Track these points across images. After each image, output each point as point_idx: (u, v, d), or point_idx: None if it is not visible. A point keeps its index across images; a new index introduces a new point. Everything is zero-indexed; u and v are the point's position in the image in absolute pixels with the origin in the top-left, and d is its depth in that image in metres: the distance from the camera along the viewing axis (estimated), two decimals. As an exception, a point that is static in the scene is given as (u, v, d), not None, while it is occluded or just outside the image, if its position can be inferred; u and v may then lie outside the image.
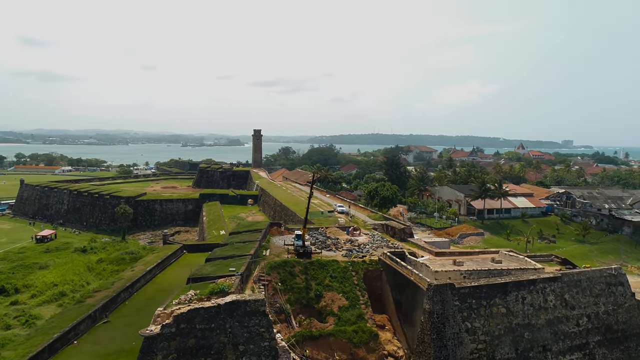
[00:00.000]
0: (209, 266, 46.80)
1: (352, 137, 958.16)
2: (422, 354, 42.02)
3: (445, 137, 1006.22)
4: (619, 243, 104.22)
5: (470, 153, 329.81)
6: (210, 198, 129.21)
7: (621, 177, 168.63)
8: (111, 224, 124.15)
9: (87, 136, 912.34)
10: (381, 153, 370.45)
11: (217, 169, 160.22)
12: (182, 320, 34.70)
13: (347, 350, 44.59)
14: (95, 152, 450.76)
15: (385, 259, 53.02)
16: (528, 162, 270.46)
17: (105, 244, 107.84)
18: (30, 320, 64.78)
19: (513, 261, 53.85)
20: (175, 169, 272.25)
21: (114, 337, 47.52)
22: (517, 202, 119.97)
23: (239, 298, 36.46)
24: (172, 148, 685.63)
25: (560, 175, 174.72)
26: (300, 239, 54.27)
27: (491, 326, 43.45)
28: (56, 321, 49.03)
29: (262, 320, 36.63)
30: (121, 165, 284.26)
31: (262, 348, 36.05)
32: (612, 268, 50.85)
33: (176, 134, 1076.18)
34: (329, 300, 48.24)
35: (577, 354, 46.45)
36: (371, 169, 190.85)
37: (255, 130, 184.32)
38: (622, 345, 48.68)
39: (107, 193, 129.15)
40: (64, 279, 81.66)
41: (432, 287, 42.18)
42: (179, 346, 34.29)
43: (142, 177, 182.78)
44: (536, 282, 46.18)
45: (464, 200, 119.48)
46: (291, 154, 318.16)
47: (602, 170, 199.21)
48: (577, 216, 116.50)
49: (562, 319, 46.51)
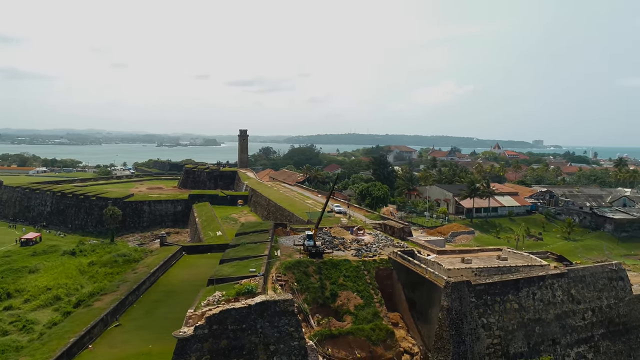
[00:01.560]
0: (227, 267, 46.79)
1: (329, 137, 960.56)
2: (441, 350, 43.12)
3: (420, 137, 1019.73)
4: (602, 240, 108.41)
5: (449, 153, 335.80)
6: (199, 199, 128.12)
7: (597, 176, 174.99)
8: (98, 225, 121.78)
9: (57, 136, 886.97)
10: (361, 153, 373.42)
11: (204, 169, 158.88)
12: (215, 322, 34.78)
13: (366, 348, 45.37)
14: (68, 153, 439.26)
15: (396, 258, 54.02)
16: (505, 161, 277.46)
17: (95, 247, 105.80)
18: (27, 326, 63.40)
19: (518, 258, 55.67)
20: (154, 169, 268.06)
21: (128, 341, 47.09)
22: (504, 201, 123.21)
23: (268, 298, 36.75)
24: (147, 148, 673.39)
25: (540, 175, 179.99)
26: (311, 239, 54.81)
27: (505, 321, 44.92)
28: (68, 325, 48.26)
29: (291, 320, 37.02)
30: (98, 166, 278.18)
31: (292, 347, 36.43)
32: (612, 264, 53.20)
33: (150, 134, 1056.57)
34: (345, 299, 48.92)
35: (583, 346, 48.44)
36: (356, 169, 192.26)
37: (241, 131, 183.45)
38: (624, 337, 50.99)
39: (93, 194, 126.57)
40: (57, 283, 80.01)
41: (450, 284, 43.33)
42: (212, 347, 34.37)
43: (124, 178, 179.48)
44: (545, 278, 47.95)
45: (453, 200, 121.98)
46: (272, 154, 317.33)
47: (578, 169, 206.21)
48: (561, 214, 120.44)
49: (569, 314, 48.43)
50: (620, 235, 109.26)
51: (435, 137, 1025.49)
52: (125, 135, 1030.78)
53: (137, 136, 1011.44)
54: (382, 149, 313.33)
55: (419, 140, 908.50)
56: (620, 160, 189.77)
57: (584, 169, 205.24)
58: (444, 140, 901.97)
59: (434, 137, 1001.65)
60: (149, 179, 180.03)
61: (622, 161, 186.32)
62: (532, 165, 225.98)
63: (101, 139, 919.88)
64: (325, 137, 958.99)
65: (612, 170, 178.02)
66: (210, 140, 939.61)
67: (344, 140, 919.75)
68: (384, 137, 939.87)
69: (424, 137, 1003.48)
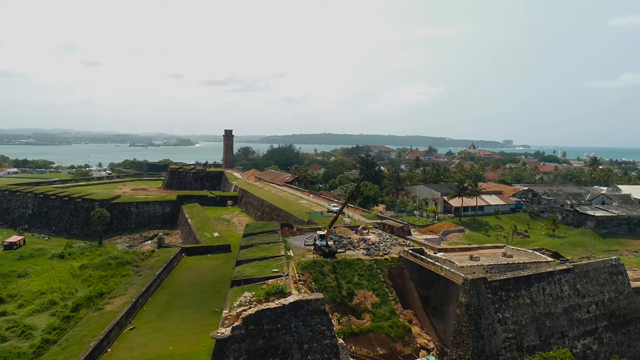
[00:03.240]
0: (248, 268, 46.93)
1: (304, 137, 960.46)
2: (460, 345, 44.45)
3: (394, 137, 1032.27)
4: (584, 236, 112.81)
5: (426, 153, 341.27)
6: (188, 200, 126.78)
7: (574, 175, 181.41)
8: (84, 228, 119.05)
9: (23, 136, 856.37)
10: (339, 153, 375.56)
11: (190, 170, 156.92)
12: (251, 322, 35.07)
13: (386, 345, 46.32)
14: (36, 153, 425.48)
15: (408, 257, 55.19)
16: (481, 160, 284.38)
17: (83, 249, 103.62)
18: (26, 332, 62.22)
19: (522, 255, 57.67)
20: (132, 170, 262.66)
21: (147, 343, 46.62)
22: (490, 200, 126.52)
23: (301, 298, 37.23)
24: (120, 148, 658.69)
25: (519, 174, 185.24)
26: (324, 239, 55.42)
27: (519, 316, 46.65)
28: (84, 329, 47.39)
29: (323, 318, 37.61)
30: (72, 167, 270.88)
31: (324, 346, 37.02)
32: (612, 259, 55.80)
33: (121, 134, 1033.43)
34: (362, 298, 49.74)
35: (588, 338, 50.71)
36: (340, 169, 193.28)
37: (226, 131, 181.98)
38: (624, 329, 53.58)
39: (78, 196, 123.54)
40: (50, 287, 78.38)
41: (468, 281, 44.70)
42: (249, 347, 34.66)
43: (105, 179, 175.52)
44: (554, 274, 49.96)
45: (441, 199, 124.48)
46: (251, 154, 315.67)
47: (554, 168, 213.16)
48: (544, 212, 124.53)
49: (575, 307, 50.61)
50: (601, 232, 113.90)
51: (409, 137, 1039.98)
52: (95, 135, 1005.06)
53: (108, 136, 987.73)
54: (362, 149, 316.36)
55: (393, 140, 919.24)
56: (595, 160, 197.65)
57: (559, 168, 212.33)
58: (418, 140, 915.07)
59: (408, 137, 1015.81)
60: (130, 180, 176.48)
61: (596, 161, 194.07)
62: (510, 165, 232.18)
63: (70, 139, 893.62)
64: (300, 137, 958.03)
65: (587, 169, 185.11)
66: (184, 140, 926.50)
67: (319, 140, 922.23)
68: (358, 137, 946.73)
69: (398, 137, 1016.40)
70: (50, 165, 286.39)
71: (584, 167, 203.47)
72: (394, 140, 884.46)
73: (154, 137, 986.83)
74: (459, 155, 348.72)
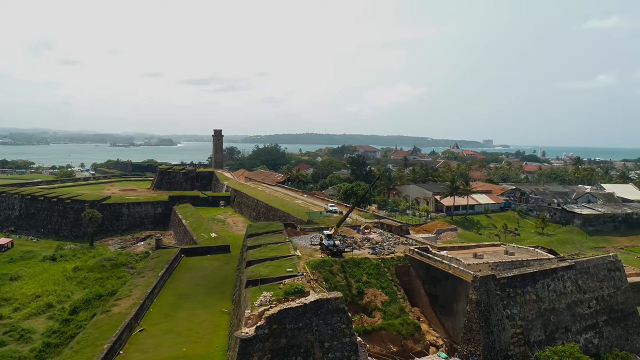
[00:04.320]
0: (262, 268, 47.06)
1: (287, 137, 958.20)
2: (471, 341, 45.41)
3: (377, 137, 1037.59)
4: (572, 234, 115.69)
5: (411, 152, 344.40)
6: (180, 200, 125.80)
7: (557, 174, 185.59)
8: (74, 229, 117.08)
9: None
10: (324, 153, 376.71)
11: (180, 170, 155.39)
12: (274, 321, 35.31)
13: (397, 342, 47.04)
14: (14, 153, 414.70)
15: (414, 255, 56.04)
16: (464, 160, 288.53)
17: (75, 251, 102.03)
18: (25, 335, 61.54)
19: (524, 253, 59.11)
20: (115, 170, 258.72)
21: (158, 345, 46.43)
22: (480, 199, 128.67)
23: (322, 297, 37.62)
24: (100, 148, 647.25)
25: (505, 173, 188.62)
26: (331, 239, 55.91)
27: (525, 312, 47.87)
28: (94, 332, 46.88)
29: (342, 317, 38.07)
30: (54, 167, 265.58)
31: (344, 344, 37.49)
32: (610, 256, 57.63)
33: (101, 134, 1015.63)
34: (372, 296, 50.36)
35: (590, 332, 52.29)
36: (329, 169, 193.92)
37: (216, 131, 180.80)
38: (622, 323, 55.38)
39: (67, 197, 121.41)
40: (45, 290, 77.45)
41: (478, 278, 45.71)
42: (273, 346, 34.90)
43: (92, 180, 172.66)
44: (557, 270, 51.37)
45: (432, 198, 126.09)
46: (236, 153, 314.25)
47: (538, 168, 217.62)
48: (533, 210, 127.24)
49: (577, 303, 52.14)
50: (588, 230, 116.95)
51: (391, 137, 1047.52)
52: (74, 135, 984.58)
53: (88, 135, 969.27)
54: (348, 148, 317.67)
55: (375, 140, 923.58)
56: (578, 159, 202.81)
57: (543, 168, 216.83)
58: (400, 140, 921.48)
59: (390, 137, 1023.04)
60: (117, 181, 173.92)
61: (579, 160, 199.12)
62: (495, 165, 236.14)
63: (49, 139, 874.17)
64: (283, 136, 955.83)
65: (570, 168, 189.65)
66: (166, 140, 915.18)
67: (302, 140, 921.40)
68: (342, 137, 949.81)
69: (380, 137, 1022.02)
70: (30, 166, 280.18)
71: (568, 167, 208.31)
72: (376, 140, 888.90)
73: (134, 137, 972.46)
74: (443, 155, 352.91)
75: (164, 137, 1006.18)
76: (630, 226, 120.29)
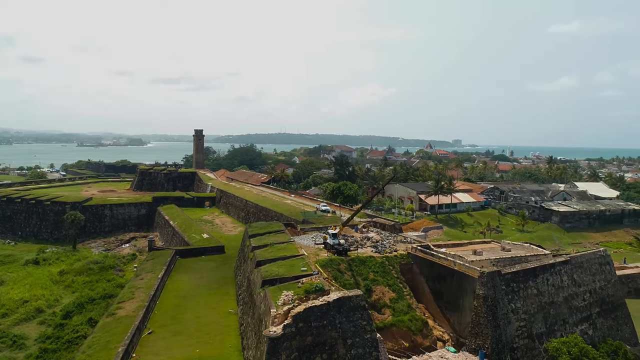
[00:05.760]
0: (275, 267, 47.27)
1: (260, 137, 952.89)
2: (479, 335, 46.99)
3: (349, 136, 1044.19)
4: (551, 230, 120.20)
5: (387, 152, 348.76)
6: (164, 201, 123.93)
7: (531, 173, 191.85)
8: (54, 232, 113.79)
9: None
10: (299, 153, 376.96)
11: (161, 170, 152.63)
12: (300, 320, 35.76)
13: (407, 338, 48.17)
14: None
15: (417, 253, 57.36)
16: (437, 160, 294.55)
17: (58, 255, 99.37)
18: (18, 341, 60.16)
19: (519, 249, 61.30)
20: (87, 171, 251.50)
21: (170, 347, 46.12)
22: (462, 198, 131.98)
23: (343, 295, 38.31)
24: (68, 148, 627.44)
25: (482, 172, 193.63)
26: (336, 238, 56.65)
27: (528, 306, 49.84)
28: (104, 336, 46.07)
29: (363, 314, 38.87)
30: (22, 168, 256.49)
31: (365, 340, 38.28)
32: (601, 250, 60.43)
33: (67, 133, 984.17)
34: (380, 294, 51.32)
35: (585, 324, 54.83)
36: (309, 169, 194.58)
37: (197, 131, 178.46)
38: (613, 314, 58.28)
39: (46, 199, 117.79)
40: (33, 295, 75.32)
41: (485, 274, 47.32)
42: (299, 344, 35.35)
43: (67, 181, 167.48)
44: (555, 265, 53.66)
45: (417, 197, 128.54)
46: (212, 153, 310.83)
47: (512, 167, 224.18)
48: (512, 208, 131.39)
49: (573, 296, 54.59)
50: (565, 226, 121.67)
51: (363, 136, 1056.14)
52: (38, 135, 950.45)
53: (53, 135, 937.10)
54: (325, 148, 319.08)
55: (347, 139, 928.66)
56: (551, 158, 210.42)
57: (517, 167, 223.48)
58: (371, 139, 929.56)
59: (362, 137, 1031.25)
60: (94, 182, 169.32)
61: (552, 159, 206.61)
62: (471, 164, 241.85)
63: (11, 139, 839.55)
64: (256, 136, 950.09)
65: (543, 167, 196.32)
66: (136, 140, 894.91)
67: (275, 139, 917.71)
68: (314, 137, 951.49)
69: (352, 137, 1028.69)
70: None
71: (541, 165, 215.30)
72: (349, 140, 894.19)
73: (102, 137, 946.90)
74: (417, 155, 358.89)
75: (133, 136, 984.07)
76: (604, 222, 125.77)
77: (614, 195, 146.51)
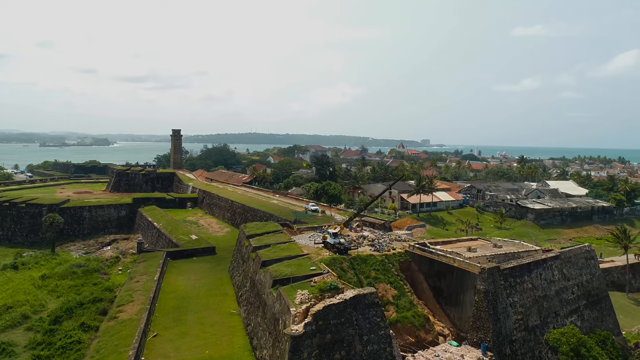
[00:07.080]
0: (283, 267, 47.58)
1: (230, 137, 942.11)
2: (480, 329, 48.68)
3: (320, 136, 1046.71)
4: (527, 227, 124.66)
5: (360, 152, 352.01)
6: (145, 202, 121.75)
7: (504, 172, 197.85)
8: (30, 235, 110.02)
9: None
10: (274, 153, 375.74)
11: (139, 171, 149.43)
12: (320, 318, 36.37)
13: (412, 333, 49.40)
14: None
15: (415, 250, 58.77)
16: (410, 159, 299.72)
17: (37, 258, 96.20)
18: (7, 349, 57.99)
19: (510, 245, 63.66)
20: (55, 172, 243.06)
21: (178, 349, 45.93)
22: (442, 196, 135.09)
23: (359, 292, 39.14)
24: (30, 148, 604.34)
25: (456, 172, 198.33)
26: (337, 237, 57.43)
27: (524, 299, 51.93)
28: (110, 339, 45.46)
29: (377, 311, 39.82)
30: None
31: (380, 336, 39.25)
32: (586, 245, 63.41)
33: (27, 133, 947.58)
34: (383, 291, 52.36)
35: (574, 316, 57.49)
36: (288, 169, 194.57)
37: (174, 130, 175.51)
38: (598, 306, 61.29)
39: (21, 201, 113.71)
40: (16, 300, 72.77)
41: (486, 270, 49.08)
42: (320, 342, 35.96)
43: (38, 182, 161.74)
44: (547, 260, 56.07)
45: (398, 196, 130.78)
46: (184, 153, 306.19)
47: (485, 166, 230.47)
48: (489, 206, 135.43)
49: (564, 289, 57.15)
50: (540, 223, 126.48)
51: (334, 136, 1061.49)
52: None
53: (12, 135, 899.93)
54: (300, 148, 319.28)
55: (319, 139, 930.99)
56: (522, 158, 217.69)
57: (490, 166, 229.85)
58: (342, 139, 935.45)
59: (333, 137, 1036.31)
60: (67, 183, 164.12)
61: (523, 159, 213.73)
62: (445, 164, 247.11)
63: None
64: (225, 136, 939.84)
65: (515, 166, 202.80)
66: (101, 140, 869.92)
67: (245, 139, 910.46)
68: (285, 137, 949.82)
69: (323, 137, 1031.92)
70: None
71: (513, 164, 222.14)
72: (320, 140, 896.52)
73: (66, 136, 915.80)
74: (390, 155, 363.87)
75: (98, 136, 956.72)
76: (576, 219, 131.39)
77: (583, 192, 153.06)
